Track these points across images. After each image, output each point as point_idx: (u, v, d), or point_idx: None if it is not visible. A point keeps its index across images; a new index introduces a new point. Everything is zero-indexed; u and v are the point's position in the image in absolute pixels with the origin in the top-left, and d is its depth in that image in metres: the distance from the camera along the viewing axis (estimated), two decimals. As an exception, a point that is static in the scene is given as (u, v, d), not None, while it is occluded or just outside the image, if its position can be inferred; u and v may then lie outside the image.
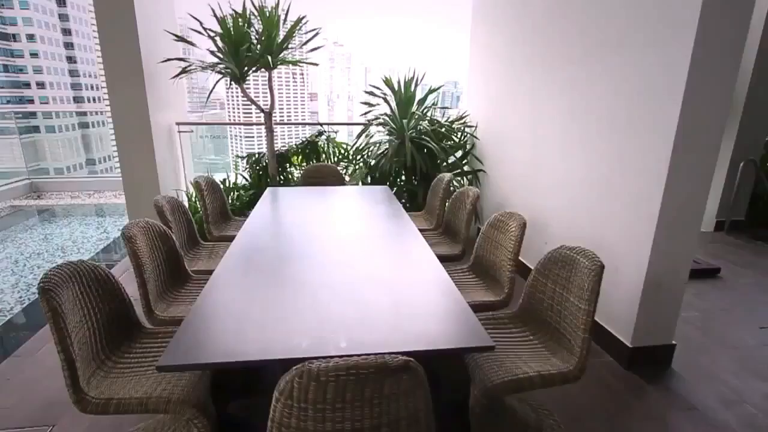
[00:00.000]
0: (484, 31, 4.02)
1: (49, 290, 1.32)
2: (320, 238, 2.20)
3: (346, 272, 1.77)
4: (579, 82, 2.63)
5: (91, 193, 6.16)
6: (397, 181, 4.19)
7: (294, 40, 3.80)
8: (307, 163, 4.18)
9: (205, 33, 3.49)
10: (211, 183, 3.02)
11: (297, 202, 2.91)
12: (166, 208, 2.35)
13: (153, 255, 1.98)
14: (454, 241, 2.83)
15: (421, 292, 1.65)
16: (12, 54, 65.07)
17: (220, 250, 2.66)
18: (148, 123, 3.51)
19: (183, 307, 2.00)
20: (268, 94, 3.83)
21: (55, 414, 1.92)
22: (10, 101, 64.88)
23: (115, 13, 3.28)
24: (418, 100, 4.07)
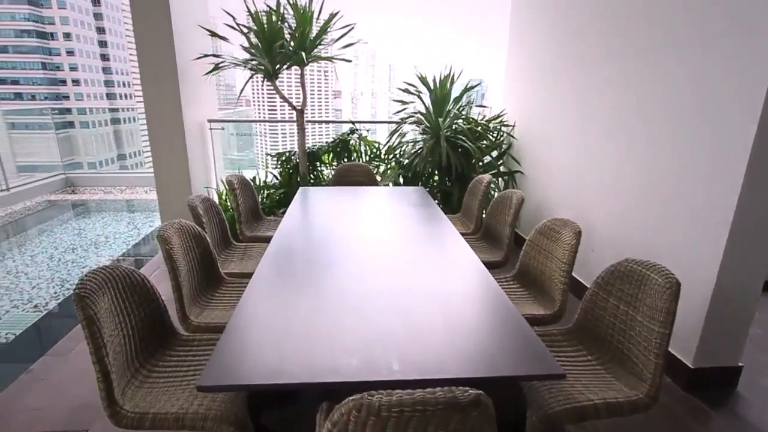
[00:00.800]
0: (524, 26, 3.83)
1: (85, 297, 1.25)
2: (358, 243, 2.09)
3: (389, 281, 1.66)
4: (638, 79, 2.44)
5: (123, 189, 6.24)
6: (430, 181, 4.06)
7: (326, 37, 3.70)
8: (338, 162, 4.09)
9: (239, 29, 3.43)
10: (243, 181, 2.96)
11: (331, 203, 2.82)
12: (200, 208, 2.28)
13: (187, 257, 1.91)
14: (495, 247, 2.69)
15: (473, 305, 1.52)
16: (50, 52, 67.58)
17: (252, 252, 2.59)
18: (181, 119, 3.48)
19: (217, 312, 1.92)
20: (300, 91, 3.75)
21: (88, 418, 1.88)
22: (48, 97, 67.41)
23: (151, 10, 3.25)
24: (454, 98, 3.92)
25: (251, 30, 3.46)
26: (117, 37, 75.85)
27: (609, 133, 2.70)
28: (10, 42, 65.43)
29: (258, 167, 6.22)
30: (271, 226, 3.07)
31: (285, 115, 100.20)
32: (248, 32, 3.49)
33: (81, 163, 9.50)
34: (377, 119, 11.88)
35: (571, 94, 3.08)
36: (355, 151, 4.05)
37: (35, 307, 3.03)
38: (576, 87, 3.03)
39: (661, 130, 2.27)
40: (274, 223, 3.13)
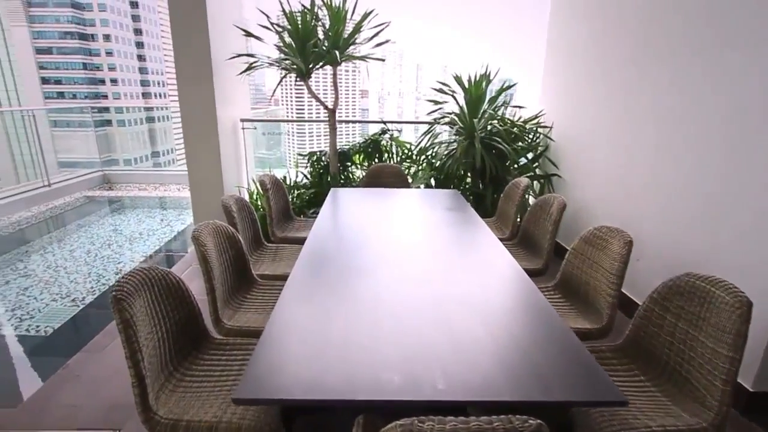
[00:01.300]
0: (565, 26, 3.68)
1: (122, 300, 1.23)
2: (394, 248, 2.02)
3: (428, 289, 1.58)
4: (691, 80, 2.28)
5: (156, 186, 6.37)
6: (463, 183, 3.95)
7: (359, 36, 3.65)
8: (369, 163, 4.03)
9: (273, 28, 3.42)
10: (275, 182, 2.94)
11: (363, 205, 2.76)
12: (233, 208, 2.26)
13: (221, 259, 1.89)
14: (534, 254, 2.57)
15: (518, 318, 1.43)
16: (90, 53, 70.45)
17: (284, 253, 2.56)
18: (215, 118, 3.50)
19: (249, 315, 1.89)
20: (331, 91, 3.72)
21: (121, 418, 1.88)
22: (87, 96, 70.27)
23: (188, 10, 3.28)
24: (490, 98, 3.81)
25: (285, 29, 3.44)
26: (152, 38, 78.37)
27: (659, 135, 2.54)
28: (54, 43, 68.55)
29: (288, 167, 6.25)
30: (302, 227, 3.04)
31: (312, 114, 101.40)
32: (282, 31, 3.47)
33: (117, 160, 9.79)
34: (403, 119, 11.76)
35: (618, 94, 2.93)
36: (386, 152, 3.98)
37: (72, 301, 3.10)
38: (623, 88, 2.87)
39: (718, 131, 2.11)
40: (304, 223, 3.10)
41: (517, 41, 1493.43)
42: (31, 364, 2.43)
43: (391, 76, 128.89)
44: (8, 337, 2.68)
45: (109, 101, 71.79)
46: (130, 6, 73.94)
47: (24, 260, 3.78)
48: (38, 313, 2.96)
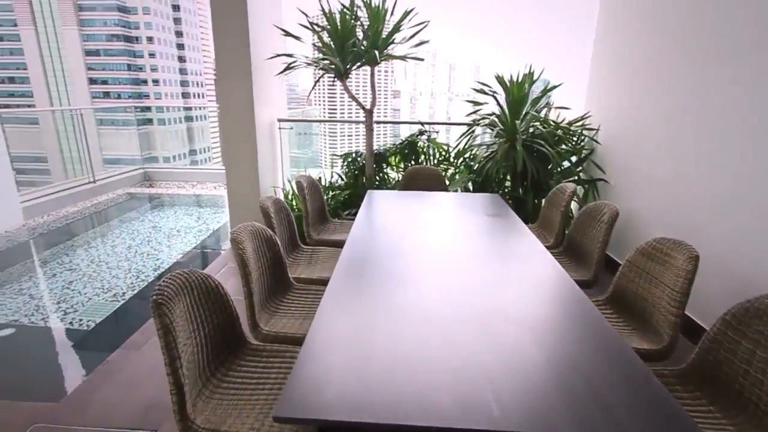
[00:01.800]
0: (615, 21, 3.49)
1: (162, 304, 1.20)
2: (436, 255, 1.94)
3: (475, 302, 1.49)
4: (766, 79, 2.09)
5: (194, 184, 6.51)
6: (502, 187, 3.82)
7: (397, 35, 3.58)
8: (405, 164, 3.96)
9: (312, 28, 3.39)
10: (312, 183, 2.90)
11: (402, 209, 2.69)
12: (271, 210, 2.24)
13: (259, 262, 1.85)
14: (581, 264, 2.43)
15: (574, 337, 1.31)
16: (134, 54, 73.54)
17: (319, 256, 2.52)
18: (253, 118, 3.51)
19: (285, 321, 1.85)
20: (366, 91, 3.66)
21: (158, 418, 1.88)
22: (131, 96, 73.38)
23: (230, 10, 3.30)
24: (533, 99, 3.66)
25: (324, 29, 3.41)
26: (192, 39, 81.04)
27: (727, 138, 2.34)
28: (101, 45, 71.95)
29: (322, 166, 6.26)
30: (337, 229, 3.00)
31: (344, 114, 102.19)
32: (320, 31, 3.44)
33: (157, 158, 10.11)
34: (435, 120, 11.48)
35: (678, 95, 2.73)
36: (423, 154, 3.89)
37: (113, 297, 3.17)
38: (685, 88, 2.68)
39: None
40: (339, 225, 3.05)
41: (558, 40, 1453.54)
42: (73, 359, 2.48)
43: (423, 77, 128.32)
44: (54, 330, 2.76)
45: (151, 101, 74.72)
46: (172, 9, 76.74)
47: (69, 254, 3.91)
48: (81, 306, 3.04)
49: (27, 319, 2.86)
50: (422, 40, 3.61)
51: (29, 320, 2.84)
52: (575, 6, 72.15)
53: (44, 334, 2.74)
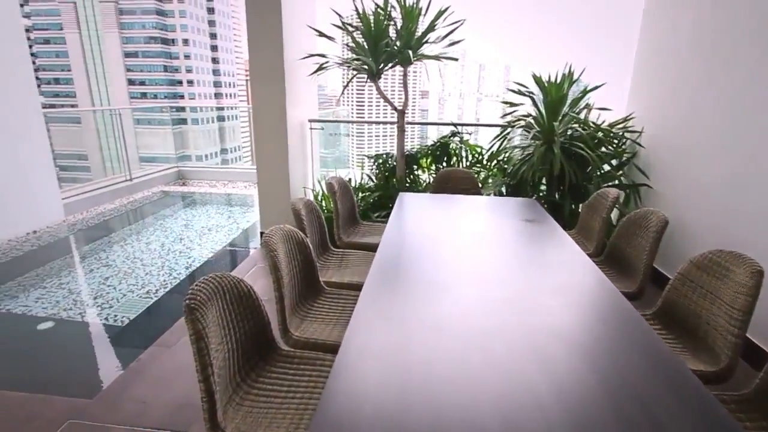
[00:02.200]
0: (663, 17, 3.31)
1: (195, 309, 1.17)
2: (473, 263, 1.86)
3: (517, 316, 1.40)
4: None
5: (225, 183, 6.61)
6: (537, 191, 3.68)
7: (431, 34, 3.51)
8: (436, 166, 3.88)
9: (345, 28, 3.36)
10: (343, 184, 2.87)
11: (434, 212, 2.61)
12: (302, 212, 2.21)
13: (290, 265, 1.82)
14: (624, 275, 2.29)
15: (627, 357, 1.21)
16: (170, 56, 75.98)
17: (350, 260, 2.48)
18: (285, 118, 3.51)
19: (316, 326, 1.81)
20: (401, 91, 3.61)
21: (188, 419, 1.87)
22: (167, 96, 75.84)
23: (264, 11, 3.30)
24: (572, 100, 3.51)
25: (357, 29, 3.38)
26: (225, 41, 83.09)
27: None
28: (139, 48, 74.69)
29: (349, 167, 6.25)
30: (368, 232, 2.95)
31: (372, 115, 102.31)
32: (354, 31, 3.41)
33: (190, 156, 10.37)
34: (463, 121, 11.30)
35: (732, 95, 2.56)
36: (456, 156, 3.81)
37: (147, 294, 3.22)
38: (739, 86, 2.50)
39: None
40: (370, 228, 3.00)
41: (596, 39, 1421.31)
42: (107, 355, 2.52)
43: (452, 77, 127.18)
44: (90, 325, 2.82)
45: (185, 101, 77.03)
46: (207, 12, 78.90)
47: (106, 250, 4.02)
48: (116, 302, 3.10)
49: (65, 313, 2.94)
50: (456, 40, 3.53)
51: (67, 314, 2.92)
52: (616, 3, 67.97)
53: (81, 328, 2.80)
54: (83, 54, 77.04)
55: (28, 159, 4.23)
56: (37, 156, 4.32)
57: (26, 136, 4.19)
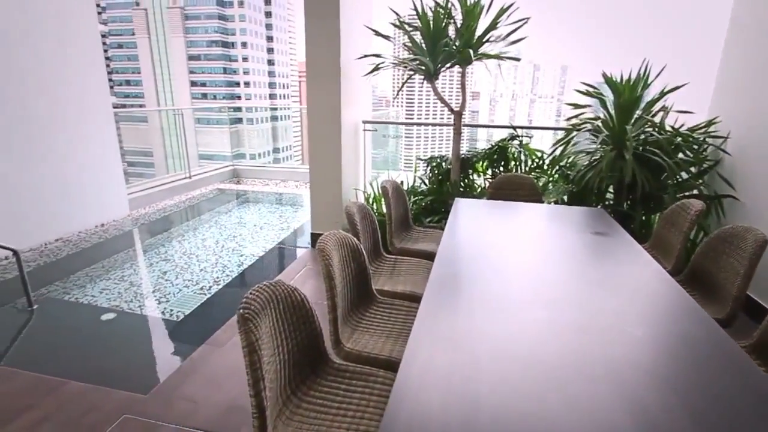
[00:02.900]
0: (756, 7, 2.96)
1: (249, 320, 1.12)
2: (540, 280, 1.70)
3: (598, 347, 1.25)
4: None
5: (277, 182, 6.74)
6: (603, 199, 3.42)
7: (492, 33, 3.35)
8: (493, 171, 3.70)
9: (403, 27, 3.27)
10: (397, 188, 2.78)
11: (494, 220, 2.46)
12: (356, 216, 2.14)
13: (344, 272, 1.75)
14: (712, 299, 2.04)
15: (734, 404, 1.03)
16: (229, 59, 79.53)
17: (402, 267, 2.38)
18: (339, 119, 3.48)
19: (368, 338, 1.73)
20: (459, 92, 3.47)
21: (237, 422, 1.85)
22: (225, 97, 79.47)
23: (323, 11, 3.28)
24: (647, 102, 3.23)
25: (415, 28, 3.28)
26: (281, 44, 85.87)
27: None
28: (202, 51, 78.76)
29: (399, 169, 6.17)
30: (420, 238, 2.85)
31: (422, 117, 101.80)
32: (411, 30, 3.32)
33: (244, 155, 10.73)
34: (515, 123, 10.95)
35: None
36: (514, 160, 3.62)
37: (201, 290, 3.29)
38: None
39: None
40: (423, 234, 2.90)
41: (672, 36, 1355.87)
42: (162, 350, 2.58)
43: (505, 77, 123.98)
44: (148, 318, 2.91)
45: (242, 101, 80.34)
46: (264, 16, 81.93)
47: (165, 245, 4.17)
48: (173, 297, 3.19)
49: (126, 305, 3.05)
50: (517, 38, 3.35)
51: (128, 306, 3.03)
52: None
53: (140, 321, 2.90)
54: (152, 57, 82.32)
55: (100, 156, 4.48)
56: (108, 153, 4.57)
57: (98, 134, 4.45)
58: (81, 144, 4.25)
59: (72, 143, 4.16)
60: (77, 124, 4.20)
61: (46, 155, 3.92)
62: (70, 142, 4.13)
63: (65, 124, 4.07)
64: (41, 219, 3.93)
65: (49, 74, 3.88)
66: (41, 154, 3.88)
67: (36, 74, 3.77)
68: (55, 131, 3.98)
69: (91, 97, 4.34)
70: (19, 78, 3.65)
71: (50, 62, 3.89)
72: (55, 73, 3.94)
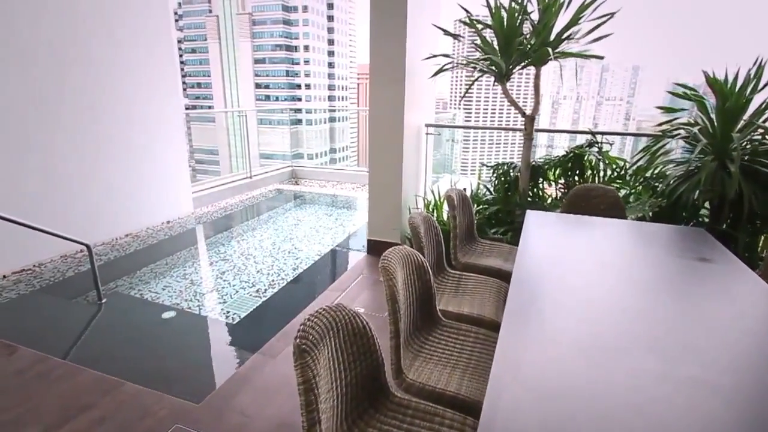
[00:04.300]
0: None
1: (306, 352, 0.98)
2: (642, 317, 1.44)
3: (724, 411, 0.99)
4: None
5: (334, 183, 6.72)
6: (696, 216, 3.01)
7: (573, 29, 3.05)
8: (565, 180, 3.39)
9: (473, 25, 3.06)
10: (463, 198, 2.58)
11: (575, 238, 2.20)
12: (420, 228, 1.97)
13: (407, 292, 1.59)
14: None
15: None
16: (292, 62, 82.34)
17: (468, 285, 2.18)
18: (402, 122, 3.33)
19: (432, 367, 1.56)
20: (533, 94, 3.20)
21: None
22: (286, 99, 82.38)
23: (390, 11, 3.15)
24: (757, 108, 2.79)
25: (487, 26, 3.06)
26: (341, 46, 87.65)
27: None
28: (267, 54, 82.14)
29: (452, 171, 5.93)
30: (485, 252, 2.63)
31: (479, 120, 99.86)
32: (483, 29, 3.10)
33: (302, 155, 10.92)
34: (579, 128, 9.80)
35: None
36: (592, 169, 3.28)
37: (257, 292, 3.27)
38: None
39: None
40: (489, 247, 2.67)
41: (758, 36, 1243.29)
42: (217, 355, 2.55)
43: (570, 77, 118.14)
44: (206, 319, 2.92)
45: (302, 103, 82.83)
46: (327, 20, 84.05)
47: (225, 244, 4.24)
48: (230, 298, 3.19)
49: (186, 303, 3.09)
50: (601, 35, 3.03)
51: (187, 305, 3.06)
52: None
53: (197, 321, 2.91)
54: (221, 60, 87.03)
55: (170, 156, 4.65)
56: (176, 153, 4.73)
57: (169, 135, 4.62)
58: (153, 144, 4.43)
59: (145, 143, 4.33)
60: (151, 125, 4.38)
61: (121, 154, 4.10)
62: (143, 142, 4.31)
63: (140, 125, 4.26)
64: (113, 214, 4.12)
65: (127, 79, 4.07)
66: (117, 152, 4.06)
67: (114, 78, 3.96)
68: (130, 132, 4.16)
69: (166, 100, 4.51)
70: (99, 82, 3.84)
71: (128, 67, 4.07)
72: (134, 78, 4.13)
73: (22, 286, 3.22)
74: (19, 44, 3.25)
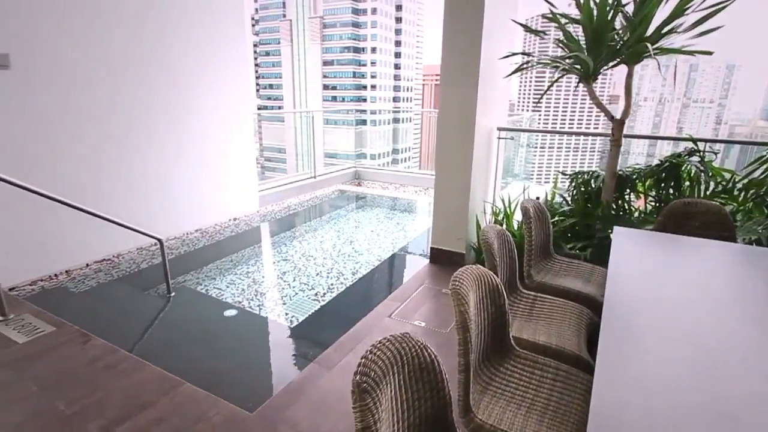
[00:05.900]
0: None
1: (368, 392, 0.85)
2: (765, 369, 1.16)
3: None
4: None
5: (397, 186, 6.61)
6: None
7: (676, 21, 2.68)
8: (657, 192, 3.01)
9: (557, 20, 2.79)
10: (540, 210, 2.34)
11: (679, 263, 1.89)
12: (494, 245, 1.78)
13: (478, 318, 1.41)
14: None
15: None
16: (359, 63, 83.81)
17: (543, 308, 1.95)
18: (473, 125, 3.13)
19: (504, 405, 1.37)
20: (624, 96, 2.86)
21: (339, 468, 1.63)
22: (352, 100, 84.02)
23: (465, 8, 2.97)
24: None
25: (573, 20, 2.78)
26: (408, 48, 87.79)
27: None
28: (335, 57, 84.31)
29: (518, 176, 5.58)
30: (563, 270, 2.37)
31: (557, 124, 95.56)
32: (567, 24, 2.82)
33: (365, 155, 10.96)
34: (661, 133, 8.54)
35: None
36: (690, 180, 2.88)
37: (315, 296, 3.22)
38: None
39: None
40: (566, 266, 2.41)
41: None
42: (274, 360, 2.52)
43: (652, 78, 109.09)
44: (265, 320, 2.91)
45: (367, 104, 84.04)
46: (395, 21, 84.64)
47: (287, 244, 4.26)
48: (289, 300, 3.17)
49: (247, 302, 3.11)
50: (710, 28, 2.63)
51: (248, 304, 3.08)
52: None
53: (257, 322, 2.91)
54: (292, 62, 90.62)
55: (240, 154, 4.78)
56: (246, 152, 4.86)
57: (241, 134, 4.76)
58: (226, 144, 4.58)
59: (218, 143, 4.49)
60: (224, 127, 4.52)
61: (195, 153, 4.27)
62: (217, 142, 4.46)
63: (215, 126, 4.41)
64: (185, 210, 4.30)
65: (205, 80, 4.23)
66: (192, 152, 4.23)
67: (193, 79, 4.12)
68: (205, 132, 4.32)
69: (239, 102, 4.65)
70: (182, 85, 4.01)
71: (206, 72, 4.23)
72: (210, 82, 4.28)
73: (101, 275, 3.42)
74: (109, 50, 3.45)
